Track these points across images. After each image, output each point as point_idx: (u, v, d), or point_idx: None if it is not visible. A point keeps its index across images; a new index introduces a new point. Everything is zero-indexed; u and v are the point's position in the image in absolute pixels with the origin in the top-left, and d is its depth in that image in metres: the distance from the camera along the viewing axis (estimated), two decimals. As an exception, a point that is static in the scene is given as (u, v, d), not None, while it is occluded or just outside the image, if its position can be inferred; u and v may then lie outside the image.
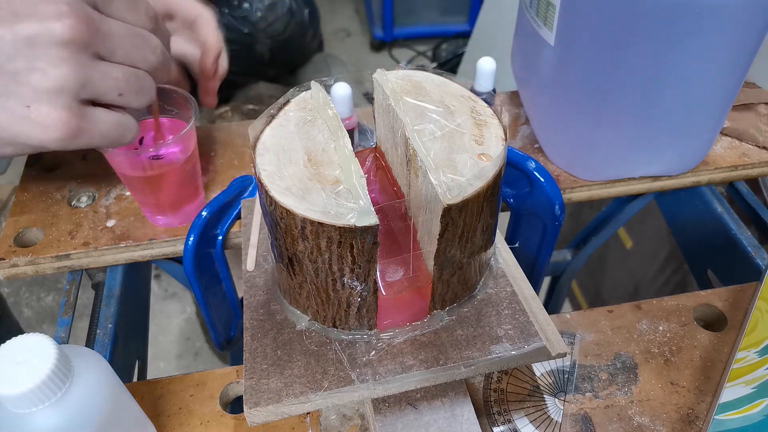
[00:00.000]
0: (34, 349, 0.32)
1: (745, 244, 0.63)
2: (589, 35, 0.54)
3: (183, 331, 1.55)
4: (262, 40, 1.88)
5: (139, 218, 0.60)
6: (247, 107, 1.80)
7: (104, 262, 0.59)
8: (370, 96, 0.48)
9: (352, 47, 2.59)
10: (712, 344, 0.52)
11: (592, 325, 0.53)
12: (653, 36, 0.50)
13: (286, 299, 0.45)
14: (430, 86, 0.45)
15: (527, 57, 0.68)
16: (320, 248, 0.37)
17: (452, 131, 0.41)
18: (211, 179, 0.65)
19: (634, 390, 0.48)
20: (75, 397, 0.34)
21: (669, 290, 1.13)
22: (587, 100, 0.58)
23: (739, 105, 0.72)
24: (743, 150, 0.68)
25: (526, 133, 0.71)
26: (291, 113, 0.43)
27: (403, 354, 0.42)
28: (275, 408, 0.39)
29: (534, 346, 0.42)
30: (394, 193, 0.47)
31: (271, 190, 0.37)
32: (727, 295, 0.55)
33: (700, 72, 0.53)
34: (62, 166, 0.67)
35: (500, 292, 0.46)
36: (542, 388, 0.49)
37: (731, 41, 0.51)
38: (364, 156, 0.50)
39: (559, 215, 0.60)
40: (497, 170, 0.39)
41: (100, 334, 0.56)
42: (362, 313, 0.42)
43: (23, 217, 0.61)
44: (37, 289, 1.65)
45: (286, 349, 0.42)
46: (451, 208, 0.37)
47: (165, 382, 0.49)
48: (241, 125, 0.72)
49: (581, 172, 0.65)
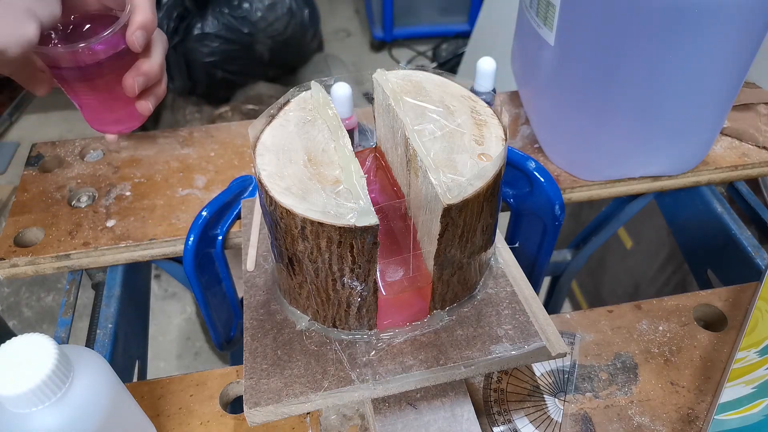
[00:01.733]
0: (34, 349, 0.32)
1: (745, 244, 0.63)
2: (589, 35, 0.54)
3: (183, 331, 1.55)
4: (262, 40, 1.88)
5: (139, 218, 0.60)
6: (247, 107, 1.80)
7: (104, 262, 0.59)
8: (370, 96, 0.48)
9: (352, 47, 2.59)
10: (712, 344, 0.52)
11: (592, 325, 0.53)
12: (653, 36, 0.50)
13: (286, 299, 0.45)
14: (430, 86, 0.45)
15: (527, 57, 0.68)
16: (320, 248, 0.37)
17: (452, 131, 0.41)
18: (211, 179, 0.65)
19: (634, 390, 0.48)
20: (75, 397, 0.34)
21: (669, 290, 1.13)
22: (587, 100, 0.58)
23: (739, 105, 0.72)
24: (743, 150, 0.68)
25: (526, 133, 0.71)
26: (291, 113, 0.43)
27: (403, 354, 0.42)
28: (275, 408, 0.39)
29: (534, 346, 0.42)
30: (394, 193, 0.47)
31: (271, 190, 0.37)
32: (727, 295, 0.55)
33: (700, 72, 0.53)
34: (62, 166, 0.67)
35: (500, 292, 0.46)
36: (542, 388, 0.49)
37: (731, 41, 0.51)
38: (364, 156, 0.50)
39: (559, 215, 0.60)
40: (497, 170, 0.39)
41: (100, 334, 0.56)
42: (362, 313, 0.42)
43: (23, 217, 0.61)
44: (37, 289, 1.65)
45: (286, 349, 0.42)
46: (451, 208, 0.37)
47: (165, 382, 0.49)
48: (241, 125, 0.72)
49: (581, 172, 0.65)
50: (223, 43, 1.85)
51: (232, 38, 1.86)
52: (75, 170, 0.66)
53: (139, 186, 0.64)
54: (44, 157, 0.68)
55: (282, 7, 1.91)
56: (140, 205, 0.62)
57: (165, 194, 0.63)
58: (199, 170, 0.66)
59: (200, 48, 1.84)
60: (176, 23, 1.82)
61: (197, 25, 1.83)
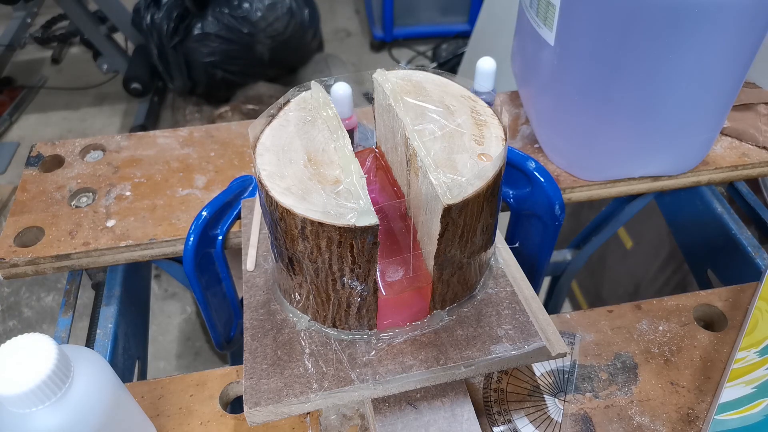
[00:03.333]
0: (34, 349, 0.32)
1: (745, 244, 0.63)
2: (589, 35, 0.54)
3: (183, 331, 1.55)
4: (262, 40, 1.88)
5: (139, 218, 0.60)
6: (247, 107, 1.80)
7: (104, 262, 0.59)
8: (370, 96, 0.48)
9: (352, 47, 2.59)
10: (712, 344, 0.52)
11: (592, 325, 0.53)
12: (653, 36, 0.50)
13: (286, 299, 0.45)
14: (430, 86, 0.45)
15: (527, 57, 0.68)
16: (320, 248, 0.37)
17: (452, 131, 0.41)
18: (211, 179, 0.65)
19: (634, 390, 0.48)
20: (75, 397, 0.34)
21: (669, 290, 1.12)
22: (587, 100, 0.58)
23: (739, 105, 0.72)
24: (743, 150, 0.68)
25: (526, 133, 0.71)
26: (291, 113, 0.43)
27: (403, 354, 0.42)
28: (275, 408, 0.39)
29: (534, 346, 0.42)
30: (394, 193, 0.47)
31: (271, 190, 0.37)
32: (727, 295, 0.55)
33: (700, 72, 0.53)
34: (62, 166, 0.67)
35: (500, 292, 0.46)
36: (542, 388, 0.49)
37: (731, 41, 0.51)
38: (364, 156, 0.50)
39: (559, 215, 0.60)
40: (497, 170, 0.39)
41: (100, 334, 0.56)
42: (362, 313, 0.42)
43: (23, 217, 0.61)
44: (37, 289, 1.65)
45: (286, 349, 0.42)
46: (451, 208, 0.37)
47: (165, 382, 0.49)
48: (241, 125, 0.72)
49: (581, 172, 0.65)
50: (223, 43, 1.85)
51: (232, 38, 1.86)
52: (75, 170, 0.66)
53: (139, 186, 0.64)
54: (44, 157, 0.68)
55: (282, 7, 1.91)
56: (140, 205, 0.62)
57: (165, 194, 0.63)
58: (199, 170, 0.66)
59: (200, 48, 1.84)
60: (176, 23, 1.82)
61: (197, 25, 1.83)
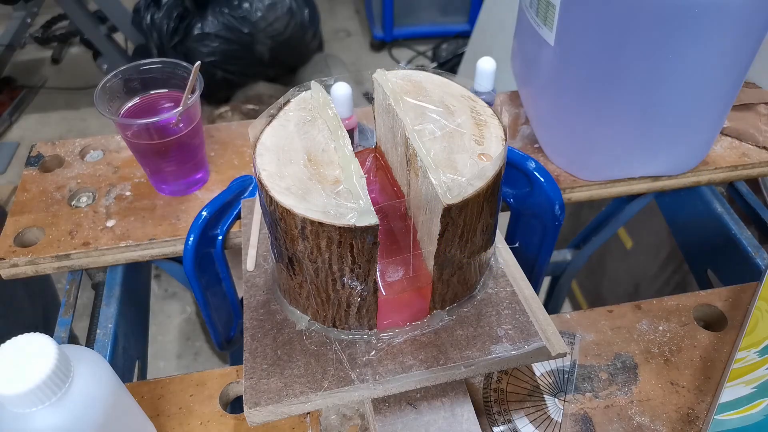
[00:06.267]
0: (34, 349, 0.32)
1: (745, 244, 0.63)
2: (589, 35, 0.54)
3: (183, 331, 1.55)
4: (262, 40, 1.88)
5: (139, 218, 0.60)
6: (247, 107, 1.80)
7: (104, 262, 0.59)
8: (370, 96, 0.48)
9: (352, 47, 2.59)
10: (712, 344, 0.52)
11: (592, 325, 0.53)
12: (653, 36, 0.50)
13: (286, 299, 0.45)
14: (430, 86, 0.45)
15: (527, 57, 0.68)
16: (320, 248, 0.37)
17: (452, 131, 0.41)
18: (211, 179, 0.65)
19: (634, 390, 0.48)
20: (75, 397, 0.34)
21: (669, 290, 1.12)
22: (587, 100, 0.58)
23: (739, 105, 0.72)
24: (743, 150, 0.68)
25: (526, 133, 0.71)
26: (291, 113, 0.43)
27: (403, 354, 0.42)
28: (275, 408, 0.39)
29: (534, 346, 0.42)
30: (394, 193, 0.47)
31: (271, 190, 0.37)
32: (727, 295, 0.55)
33: (700, 72, 0.53)
34: (62, 166, 0.67)
35: (500, 292, 0.46)
36: (542, 388, 0.49)
37: (731, 41, 0.51)
38: (364, 156, 0.50)
39: (559, 215, 0.60)
40: (497, 170, 0.39)
41: (100, 334, 0.56)
42: (362, 313, 0.42)
43: (23, 217, 0.61)
44: (37, 289, 1.65)
45: (286, 349, 0.42)
46: (451, 208, 0.37)
47: (165, 382, 0.49)
48: (241, 125, 0.72)
49: (581, 172, 0.65)
50: (223, 43, 1.85)
51: (232, 38, 1.86)
52: (75, 170, 0.66)
53: (139, 186, 0.64)
54: (44, 157, 0.68)
55: (282, 7, 1.91)
56: (140, 205, 0.62)
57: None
58: (199, 170, 0.66)
59: (200, 48, 1.84)
60: (176, 23, 1.82)
61: (197, 25, 1.83)
